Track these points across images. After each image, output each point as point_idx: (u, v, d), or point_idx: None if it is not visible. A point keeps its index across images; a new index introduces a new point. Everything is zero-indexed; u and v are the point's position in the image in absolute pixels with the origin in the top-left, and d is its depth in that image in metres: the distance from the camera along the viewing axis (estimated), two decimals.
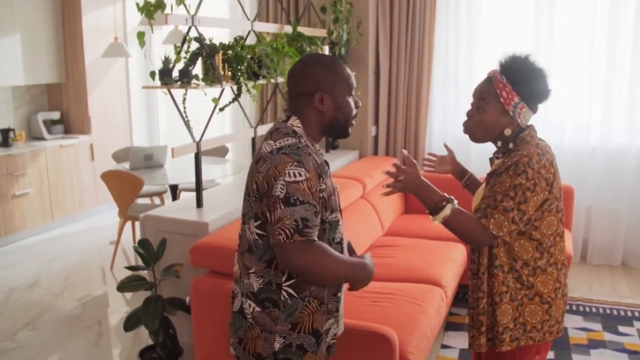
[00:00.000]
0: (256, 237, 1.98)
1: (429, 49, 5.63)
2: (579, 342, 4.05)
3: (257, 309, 2.03)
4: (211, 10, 6.82)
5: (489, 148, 2.32)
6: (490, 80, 2.21)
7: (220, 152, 6.41)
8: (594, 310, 4.57)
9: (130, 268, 3.36)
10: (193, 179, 5.51)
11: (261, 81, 3.94)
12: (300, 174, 1.86)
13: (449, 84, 5.79)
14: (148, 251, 3.39)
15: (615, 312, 4.54)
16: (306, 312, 2.02)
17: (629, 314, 4.52)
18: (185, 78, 3.40)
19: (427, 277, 3.83)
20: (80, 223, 6.93)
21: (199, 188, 3.69)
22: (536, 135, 2.26)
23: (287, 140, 1.94)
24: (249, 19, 4.18)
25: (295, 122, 2.01)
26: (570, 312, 4.52)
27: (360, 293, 3.54)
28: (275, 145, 1.93)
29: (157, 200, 6.41)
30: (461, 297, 4.65)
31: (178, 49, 3.41)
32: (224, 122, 7.05)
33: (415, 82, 5.71)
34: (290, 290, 1.99)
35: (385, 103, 5.79)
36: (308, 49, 4.62)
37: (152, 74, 3.46)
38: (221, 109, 3.69)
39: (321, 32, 5.15)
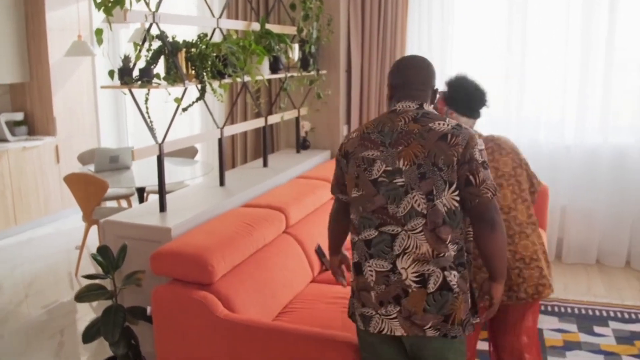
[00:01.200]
0: (454, 206, 2.15)
1: (401, 46, 5.53)
2: (555, 344, 3.98)
3: (458, 275, 2.18)
4: (180, 7, 6.67)
5: None
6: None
7: (189, 152, 6.26)
8: (569, 310, 4.51)
9: (88, 277, 3.20)
10: (155, 182, 5.44)
11: (227, 80, 3.81)
12: (481, 144, 2.20)
13: None
14: (108, 259, 3.24)
15: (590, 312, 4.48)
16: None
17: (604, 313, 4.46)
18: (146, 77, 3.25)
19: None
20: (46, 227, 6.73)
21: (161, 191, 3.55)
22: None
23: (449, 120, 2.23)
24: (214, 16, 4.04)
25: (431, 109, 2.29)
26: (545, 313, 4.45)
27: (329, 300, 3.43)
28: (449, 123, 2.20)
29: (124, 203, 6.24)
30: None
31: (138, 47, 3.26)
32: (193, 121, 6.90)
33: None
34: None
35: (357, 102, 5.68)
36: (277, 47, 4.49)
37: (111, 73, 3.31)
38: (184, 109, 3.55)
39: (291, 30, 5.02)
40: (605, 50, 5.18)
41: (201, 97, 3.55)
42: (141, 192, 5.34)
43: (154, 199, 3.99)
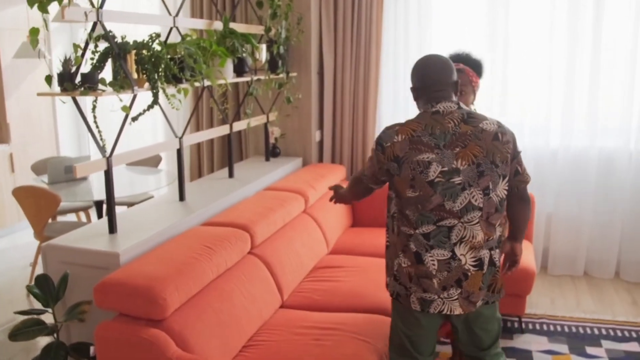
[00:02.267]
0: (503, 194, 2.46)
1: (376, 46, 5.20)
2: None
3: (497, 250, 2.53)
4: (142, 5, 6.27)
5: None
6: None
7: (152, 161, 5.87)
8: (558, 328, 4.20)
9: (21, 313, 2.81)
10: (122, 192, 5.05)
11: (183, 85, 3.44)
12: None
13: (398, 85, 5.36)
14: (48, 289, 2.85)
15: (581, 330, 4.18)
16: None
17: (596, 331, 4.16)
18: (89, 83, 2.87)
19: (376, 306, 3.38)
20: (1, 241, 6.29)
21: (110, 211, 3.17)
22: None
23: (490, 118, 2.48)
24: (170, 14, 3.67)
25: (470, 108, 2.64)
26: (533, 332, 4.14)
27: (300, 329, 3.08)
28: (492, 121, 2.45)
29: (85, 217, 5.83)
30: None
31: (78, 48, 2.88)
32: (156, 128, 6.51)
33: (362, 82, 5.27)
34: None
35: (330, 106, 5.34)
36: (242, 48, 4.12)
37: (48, 79, 2.91)
38: (134, 119, 3.16)
39: (258, 29, 4.66)
40: (592, 51, 4.90)
41: (152, 104, 3.17)
42: (100, 206, 4.94)
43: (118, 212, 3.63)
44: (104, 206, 4.88)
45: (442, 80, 2.45)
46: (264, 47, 4.59)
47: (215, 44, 3.80)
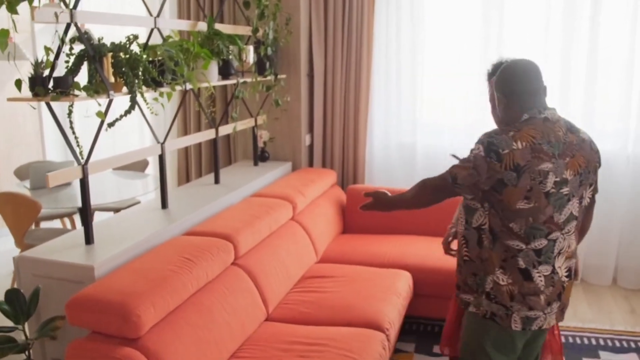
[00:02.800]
0: (587, 202, 2.41)
1: (368, 48, 5.06)
2: None
3: None
4: (129, 6, 6.12)
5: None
6: None
7: (138, 165, 5.72)
8: None
9: None
10: (109, 198, 4.92)
11: (164, 89, 3.29)
12: None
13: (390, 87, 5.22)
14: (18, 304, 2.71)
15: (578, 341, 4.06)
16: None
17: (593, 341, 4.04)
18: (61, 87, 2.72)
19: (366, 319, 3.25)
20: None
21: (86, 221, 3.02)
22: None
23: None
24: (151, 14, 3.52)
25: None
26: None
27: (285, 345, 2.95)
28: (583, 131, 2.40)
29: (69, 224, 5.68)
30: (407, 328, 4.11)
31: (49, 51, 2.73)
32: (143, 130, 6.36)
33: (354, 85, 5.14)
34: None
35: (320, 109, 5.20)
36: (227, 49, 3.98)
37: (18, 83, 2.77)
38: (110, 125, 3.02)
39: (245, 30, 4.51)
40: (588, 51, 4.77)
41: (130, 110, 3.02)
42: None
43: (98, 220, 3.50)
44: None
45: (540, 85, 2.38)
46: (251, 48, 4.46)
47: (199, 45, 3.66)
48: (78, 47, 2.92)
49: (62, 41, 2.78)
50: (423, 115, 5.15)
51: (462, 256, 2.47)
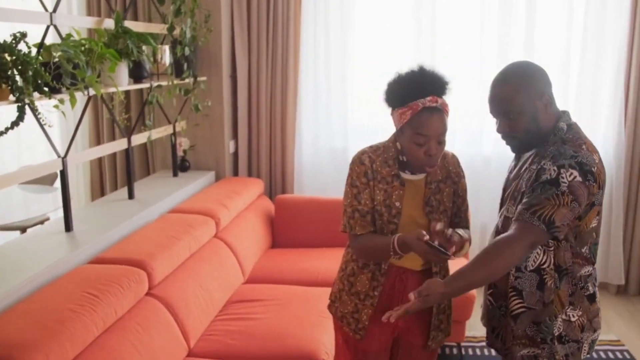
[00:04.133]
0: None
1: (294, 47, 4.72)
2: None
3: None
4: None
5: None
6: None
7: (47, 179, 5.20)
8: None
9: None
10: (15, 216, 4.44)
11: (62, 95, 2.86)
12: None
13: (319, 89, 4.89)
14: None
15: None
16: None
17: None
18: None
19: (300, 350, 2.90)
20: None
21: None
22: None
23: None
24: (46, 9, 3.07)
25: None
26: (474, 358, 3.78)
27: None
28: None
29: None
30: None
31: None
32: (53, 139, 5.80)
33: (280, 86, 4.78)
34: None
35: (244, 113, 4.82)
36: (138, 49, 3.56)
37: None
38: None
39: (160, 28, 4.08)
40: (524, 53, 4.61)
41: (17, 120, 2.58)
42: None
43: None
44: None
45: None
46: (166, 48, 4.05)
47: (104, 45, 3.23)
48: None
49: None
50: (355, 117, 4.84)
51: (512, 310, 2.12)
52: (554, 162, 1.94)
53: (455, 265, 2.27)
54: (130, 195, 3.85)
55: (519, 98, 2.02)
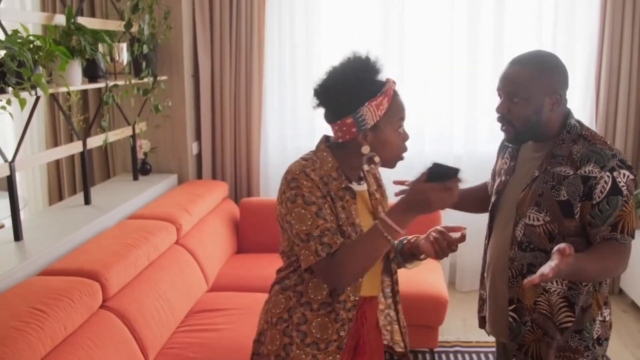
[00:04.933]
0: None
1: (259, 43, 4.57)
2: None
3: None
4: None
5: None
6: None
7: (3, 183, 4.97)
8: (474, 357, 3.75)
9: None
10: None
11: (7, 95, 2.67)
12: None
13: (285, 88, 4.74)
14: None
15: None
16: None
17: None
18: None
19: None
20: None
21: None
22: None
23: None
24: None
25: None
26: None
27: None
28: None
29: None
30: None
31: None
32: (6, 140, 5.58)
33: (244, 86, 4.62)
34: None
35: (208, 113, 4.65)
36: (91, 46, 3.37)
37: None
38: None
39: (116, 25, 3.89)
40: (494, 49, 4.56)
41: None
42: None
43: None
44: None
45: None
46: (124, 46, 3.86)
47: (54, 42, 3.04)
48: None
49: None
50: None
51: (561, 323, 1.99)
52: (602, 167, 1.86)
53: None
54: (87, 201, 3.66)
55: (531, 85, 1.93)
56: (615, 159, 1.86)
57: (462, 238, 1.90)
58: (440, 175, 1.64)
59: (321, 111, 1.99)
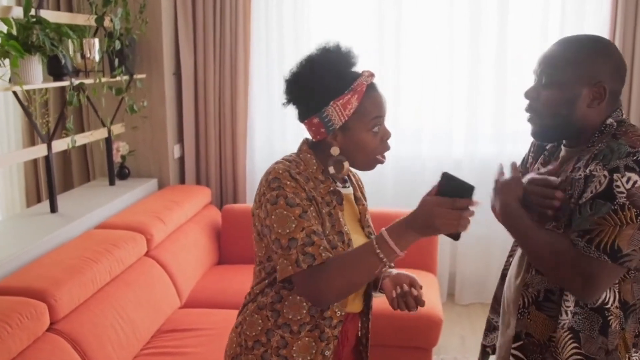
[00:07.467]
0: None
1: (244, 39, 4.29)
2: None
3: None
4: None
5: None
6: None
7: None
8: None
9: None
10: None
11: None
12: None
13: (272, 88, 4.45)
14: None
15: None
16: None
17: None
18: None
19: None
20: None
21: None
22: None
23: None
24: None
25: None
26: None
27: None
28: None
29: None
30: None
31: None
32: None
33: (230, 85, 4.35)
34: None
35: (191, 114, 4.38)
36: (52, 42, 3.10)
37: None
38: None
39: (86, 19, 3.61)
40: (497, 47, 4.29)
41: None
42: None
43: None
44: None
45: None
46: (96, 41, 3.59)
47: (6, 36, 2.78)
48: None
49: None
50: None
51: (568, 356, 1.62)
52: (605, 165, 1.49)
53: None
54: (53, 209, 3.39)
55: (567, 68, 1.60)
56: (629, 158, 1.48)
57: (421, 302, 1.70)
58: (450, 190, 1.42)
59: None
